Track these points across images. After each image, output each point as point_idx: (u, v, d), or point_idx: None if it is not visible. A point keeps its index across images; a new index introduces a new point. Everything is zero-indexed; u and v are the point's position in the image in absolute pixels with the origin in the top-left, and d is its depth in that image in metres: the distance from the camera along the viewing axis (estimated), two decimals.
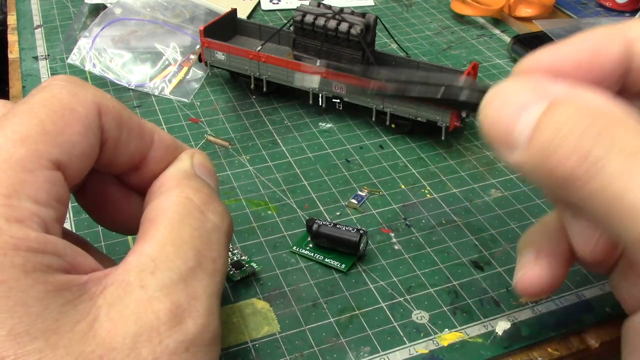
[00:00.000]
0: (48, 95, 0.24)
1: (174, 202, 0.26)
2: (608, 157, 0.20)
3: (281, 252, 0.38)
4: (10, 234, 0.20)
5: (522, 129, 0.23)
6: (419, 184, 0.44)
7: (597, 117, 0.22)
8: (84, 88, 0.25)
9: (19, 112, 0.23)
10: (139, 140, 0.27)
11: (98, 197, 0.29)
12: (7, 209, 0.21)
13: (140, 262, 0.23)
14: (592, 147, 0.21)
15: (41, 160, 0.22)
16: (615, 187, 0.20)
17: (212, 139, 0.45)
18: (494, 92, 0.24)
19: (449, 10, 0.70)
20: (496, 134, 0.24)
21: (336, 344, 0.33)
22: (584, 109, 0.22)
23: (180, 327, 0.22)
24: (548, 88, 0.23)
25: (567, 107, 0.22)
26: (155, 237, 0.24)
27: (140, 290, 0.22)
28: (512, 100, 0.24)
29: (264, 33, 0.55)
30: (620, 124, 0.21)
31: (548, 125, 0.22)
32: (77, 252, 0.23)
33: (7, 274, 0.20)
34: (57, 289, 0.21)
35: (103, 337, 0.21)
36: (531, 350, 0.33)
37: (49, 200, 0.22)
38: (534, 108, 0.23)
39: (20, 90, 0.54)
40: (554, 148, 0.22)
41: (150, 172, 0.28)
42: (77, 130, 0.24)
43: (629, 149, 0.20)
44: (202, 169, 0.29)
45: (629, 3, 0.70)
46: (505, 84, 0.24)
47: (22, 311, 0.20)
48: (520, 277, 0.29)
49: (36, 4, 0.69)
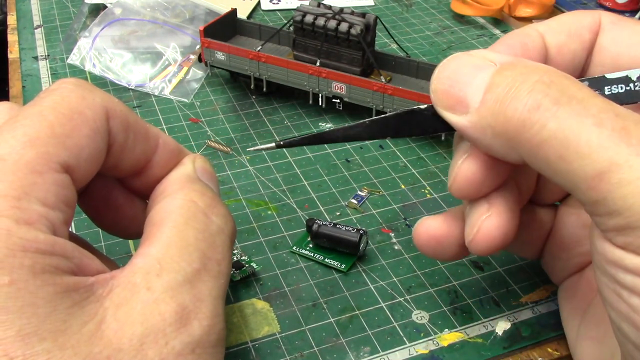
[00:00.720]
0: (57, 98, 0.24)
1: (179, 205, 0.26)
2: (560, 104, 0.22)
3: (281, 252, 0.38)
4: (20, 236, 0.20)
5: (476, 89, 0.25)
6: (419, 184, 0.44)
7: (544, 72, 0.24)
8: (92, 92, 0.25)
9: (29, 114, 0.23)
10: (145, 144, 0.27)
11: (100, 200, 0.29)
12: (16, 211, 0.21)
13: (146, 264, 0.23)
14: (545, 96, 0.23)
15: (50, 163, 0.22)
16: (568, 130, 0.22)
17: (213, 144, 0.45)
18: (444, 62, 0.26)
19: (449, 10, 0.70)
20: (449, 98, 0.26)
21: (336, 344, 0.33)
22: (532, 67, 0.24)
23: (186, 329, 0.23)
24: (493, 57, 0.25)
25: (516, 66, 0.24)
26: (160, 239, 0.25)
27: (147, 292, 0.22)
28: (463, 67, 0.26)
29: (264, 33, 0.55)
30: (565, 77, 0.24)
31: (501, 81, 0.24)
32: (83, 254, 0.23)
33: (16, 275, 0.20)
34: (65, 290, 0.21)
35: (110, 338, 0.21)
36: (531, 350, 0.33)
37: (57, 202, 0.22)
38: (485, 71, 0.25)
39: (20, 90, 0.54)
40: (508, 100, 0.23)
41: (153, 176, 0.28)
42: (85, 134, 0.24)
43: (578, 96, 0.23)
44: (204, 173, 0.29)
45: (628, 3, 0.71)
46: (453, 56, 0.26)
47: (30, 312, 0.20)
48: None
49: (36, 4, 0.69)
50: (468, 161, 0.27)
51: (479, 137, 0.25)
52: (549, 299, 0.35)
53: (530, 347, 0.33)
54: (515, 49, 0.28)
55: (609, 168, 0.21)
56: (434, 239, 0.30)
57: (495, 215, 0.27)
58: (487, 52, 0.26)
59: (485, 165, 0.27)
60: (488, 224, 0.27)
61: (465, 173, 0.27)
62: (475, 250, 0.28)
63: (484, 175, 0.27)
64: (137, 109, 0.52)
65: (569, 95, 0.23)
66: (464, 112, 0.25)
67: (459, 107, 0.25)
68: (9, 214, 0.20)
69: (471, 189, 0.27)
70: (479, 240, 0.27)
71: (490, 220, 0.27)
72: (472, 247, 0.28)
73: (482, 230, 0.27)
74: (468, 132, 0.25)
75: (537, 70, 0.24)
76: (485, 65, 0.25)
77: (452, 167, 0.28)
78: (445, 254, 0.31)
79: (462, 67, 0.26)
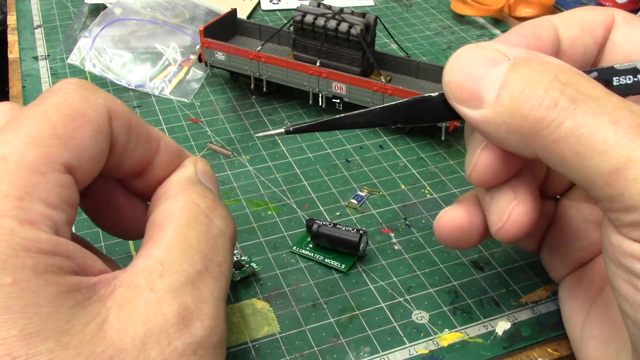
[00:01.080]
0: (60, 98, 0.24)
1: (181, 206, 0.26)
2: (577, 102, 0.23)
3: (281, 252, 0.38)
4: (22, 236, 0.20)
5: (491, 84, 0.25)
6: (419, 184, 0.44)
7: (559, 70, 0.24)
8: (95, 92, 0.25)
9: (32, 114, 0.23)
10: (146, 146, 0.27)
11: (101, 200, 0.29)
12: (19, 211, 0.21)
13: (148, 265, 0.23)
14: (562, 94, 0.23)
15: (53, 163, 0.22)
16: (585, 127, 0.22)
17: (214, 147, 0.45)
18: (457, 54, 0.26)
19: (449, 10, 0.70)
20: (463, 92, 0.26)
21: (336, 344, 0.33)
22: (546, 64, 0.24)
23: (188, 330, 0.23)
24: (507, 51, 0.26)
25: (532, 62, 0.25)
26: (163, 240, 0.25)
27: (149, 293, 0.23)
28: (477, 60, 0.26)
29: (264, 33, 0.55)
30: (580, 75, 0.24)
31: (517, 78, 0.24)
32: (86, 254, 0.23)
33: (19, 275, 0.20)
34: (68, 290, 0.21)
35: (113, 338, 0.21)
36: (531, 351, 0.33)
37: (60, 203, 0.22)
38: (500, 66, 0.25)
39: (20, 90, 0.54)
40: (524, 98, 0.24)
41: (154, 178, 0.28)
42: (87, 135, 0.24)
43: (594, 95, 0.23)
44: (204, 176, 0.29)
45: (628, 3, 0.70)
46: (466, 48, 0.26)
47: (33, 312, 0.20)
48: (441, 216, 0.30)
49: (36, 4, 0.69)
50: (486, 150, 0.27)
51: (493, 131, 0.25)
52: (549, 299, 0.35)
53: (530, 347, 0.33)
54: (528, 39, 0.28)
55: (626, 164, 0.22)
56: (459, 229, 0.31)
57: (522, 203, 0.28)
58: (500, 45, 0.26)
59: (503, 154, 0.27)
60: (517, 211, 0.28)
61: (484, 162, 0.27)
62: (504, 237, 0.28)
63: (502, 163, 0.27)
64: (137, 109, 0.52)
65: (585, 94, 0.23)
66: (478, 106, 0.25)
67: (473, 101, 0.25)
68: (11, 214, 0.20)
69: (490, 176, 0.28)
70: (509, 227, 0.28)
71: (519, 207, 0.28)
72: (501, 234, 0.28)
73: (513, 217, 0.28)
74: (482, 126, 0.25)
75: (553, 68, 0.24)
76: (500, 60, 0.25)
77: (469, 156, 0.28)
78: (468, 243, 0.31)
79: (475, 60, 0.26)
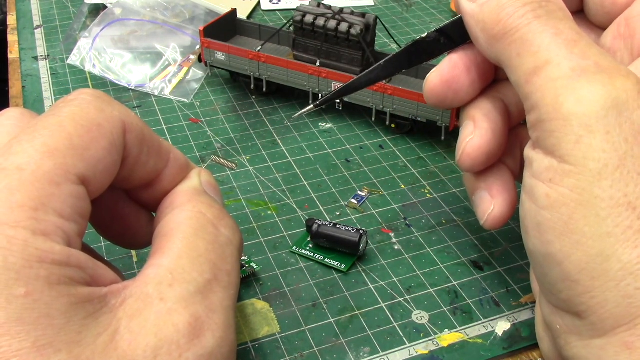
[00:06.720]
0: (76, 109, 0.24)
1: (188, 216, 0.26)
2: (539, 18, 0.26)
3: (281, 252, 0.38)
4: (36, 247, 0.20)
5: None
6: (419, 184, 0.44)
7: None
8: (110, 104, 0.25)
9: (48, 124, 0.23)
10: (157, 158, 0.28)
11: (107, 210, 0.29)
12: (33, 222, 0.21)
13: (158, 275, 0.23)
14: (532, 11, 0.26)
15: (68, 174, 0.22)
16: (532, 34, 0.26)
17: (218, 160, 0.45)
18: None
19: (449, 11, 0.70)
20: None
21: (336, 344, 0.33)
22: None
23: (199, 341, 0.23)
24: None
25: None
26: (171, 250, 0.25)
27: (160, 303, 0.23)
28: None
29: (264, 33, 0.55)
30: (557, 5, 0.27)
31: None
32: (97, 265, 0.23)
33: (32, 286, 0.20)
34: (80, 302, 0.21)
35: (124, 349, 0.21)
36: (531, 351, 0.33)
37: (73, 214, 0.22)
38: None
39: (20, 90, 0.54)
40: (505, 6, 0.27)
41: (161, 189, 0.28)
42: (102, 146, 0.24)
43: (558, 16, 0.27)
44: (209, 187, 0.29)
45: None
46: None
47: (46, 323, 0.20)
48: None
49: (36, 4, 0.69)
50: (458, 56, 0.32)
51: (473, 26, 0.29)
52: None
53: (530, 348, 0.33)
54: None
55: (544, 65, 0.25)
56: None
57: (477, 137, 0.31)
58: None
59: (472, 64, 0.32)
60: (471, 144, 0.31)
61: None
62: (462, 167, 0.32)
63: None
64: (137, 109, 0.52)
65: (552, 15, 0.26)
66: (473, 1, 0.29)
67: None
68: (26, 224, 0.20)
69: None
70: (464, 159, 0.32)
71: (473, 141, 0.31)
72: (460, 165, 0.32)
73: (467, 150, 0.32)
74: (467, 18, 0.29)
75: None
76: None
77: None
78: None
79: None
